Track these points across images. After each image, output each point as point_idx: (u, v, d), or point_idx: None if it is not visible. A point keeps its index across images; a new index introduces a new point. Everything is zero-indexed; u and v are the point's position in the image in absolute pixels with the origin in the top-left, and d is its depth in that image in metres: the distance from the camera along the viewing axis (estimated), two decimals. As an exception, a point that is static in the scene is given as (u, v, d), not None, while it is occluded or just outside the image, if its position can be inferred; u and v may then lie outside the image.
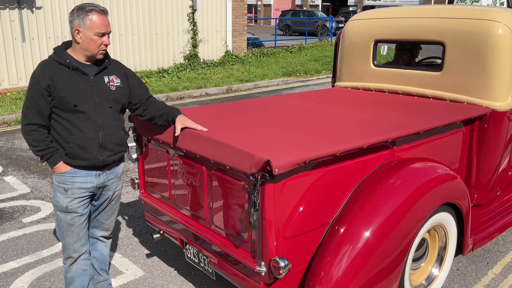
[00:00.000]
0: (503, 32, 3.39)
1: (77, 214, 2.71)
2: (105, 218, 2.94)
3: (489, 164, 3.60)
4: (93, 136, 2.61)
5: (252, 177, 2.23)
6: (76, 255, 2.78)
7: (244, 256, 2.50)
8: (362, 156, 2.70)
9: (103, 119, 2.64)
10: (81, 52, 2.58)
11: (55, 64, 2.56)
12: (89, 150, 2.62)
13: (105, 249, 3.06)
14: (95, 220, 2.94)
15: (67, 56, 2.58)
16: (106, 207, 2.89)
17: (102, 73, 2.66)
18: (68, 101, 2.54)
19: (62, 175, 2.65)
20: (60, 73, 2.54)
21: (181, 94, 10.22)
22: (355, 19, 4.41)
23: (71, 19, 2.53)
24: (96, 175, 2.72)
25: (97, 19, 2.52)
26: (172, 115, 2.85)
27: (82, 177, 2.68)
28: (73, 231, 2.73)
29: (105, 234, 3.01)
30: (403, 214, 2.62)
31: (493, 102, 3.47)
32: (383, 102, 3.77)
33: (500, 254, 3.73)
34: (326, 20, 27.14)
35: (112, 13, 11.09)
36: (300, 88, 11.65)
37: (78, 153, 2.61)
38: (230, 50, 13.98)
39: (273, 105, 3.68)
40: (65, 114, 2.57)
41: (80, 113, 2.57)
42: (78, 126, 2.58)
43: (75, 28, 2.52)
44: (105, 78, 2.67)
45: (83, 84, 2.59)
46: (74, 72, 2.57)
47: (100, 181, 2.75)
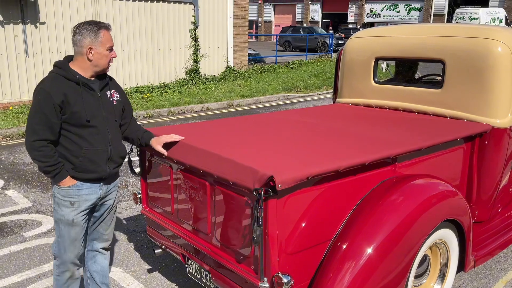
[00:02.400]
0: (502, 51, 3.45)
1: (81, 227, 2.74)
2: (104, 229, 2.97)
3: (490, 180, 3.62)
4: (103, 149, 2.68)
5: (256, 192, 2.25)
6: (74, 268, 2.83)
7: (247, 272, 2.50)
8: (364, 172, 2.72)
9: (112, 133, 2.72)
10: (91, 69, 2.63)
11: (64, 80, 2.59)
12: (98, 163, 2.68)
13: (105, 262, 3.07)
14: (95, 232, 2.96)
15: (74, 72, 2.62)
16: (106, 217, 2.94)
17: (105, 88, 2.74)
18: (80, 116, 2.58)
19: (68, 189, 2.67)
20: (70, 88, 2.58)
21: (182, 109, 10.27)
22: (356, 37, 4.48)
23: (80, 38, 2.56)
24: (100, 186, 2.77)
25: (107, 34, 2.61)
26: (145, 139, 2.97)
27: (87, 189, 2.72)
28: (75, 246, 2.76)
29: (105, 245, 3.03)
30: (405, 230, 2.63)
31: (493, 119, 3.50)
32: (384, 118, 3.80)
33: (502, 271, 3.73)
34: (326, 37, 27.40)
35: (115, 29, 11.20)
36: (301, 103, 11.72)
37: (88, 167, 2.66)
38: (231, 66, 14.09)
39: (276, 120, 3.72)
40: (76, 129, 2.61)
41: (92, 127, 2.63)
42: (89, 140, 2.63)
43: (88, 46, 2.56)
44: (108, 93, 2.75)
45: (92, 99, 2.64)
46: (83, 87, 2.61)
47: (103, 192, 2.81)
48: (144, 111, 9.73)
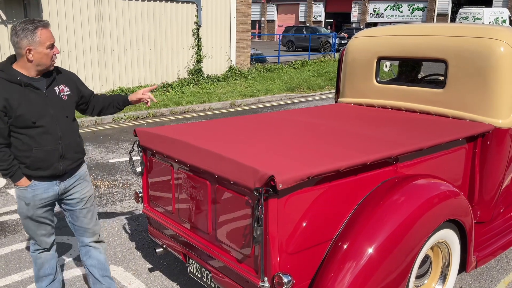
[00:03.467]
0: (505, 51, 3.43)
1: (42, 219, 2.81)
2: (86, 223, 2.98)
3: (492, 181, 3.60)
4: (53, 148, 2.68)
5: (256, 192, 2.25)
6: (47, 245, 2.91)
7: (247, 271, 2.50)
8: (365, 172, 2.72)
9: (62, 130, 2.71)
10: (34, 68, 2.60)
11: (6, 83, 2.55)
12: (50, 161, 2.69)
13: (100, 255, 3.08)
14: (79, 228, 2.99)
15: (17, 73, 2.58)
16: (83, 211, 2.94)
17: (52, 84, 2.71)
18: (25, 119, 2.57)
19: (23, 189, 2.72)
20: (13, 91, 2.55)
21: (184, 108, 10.28)
22: (358, 36, 4.47)
23: (17, 40, 2.51)
24: (57, 183, 2.79)
25: (45, 33, 2.56)
26: (121, 99, 3.07)
27: (43, 188, 2.75)
28: (43, 230, 2.85)
29: (94, 239, 3.05)
30: (406, 230, 2.63)
31: (496, 119, 3.49)
32: (386, 118, 3.79)
33: (503, 272, 3.71)
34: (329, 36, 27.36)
35: (118, 29, 11.23)
36: (303, 103, 11.71)
37: (39, 165, 2.68)
38: (233, 65, 14.09)
39: (277, 120, 3.71)
40: (24, 131, 2.61)
41: (39, 127, 2.62)
42: (38, 141, 2.63)
43: (26, 48, 2.52)
44: (56, 89, 2.72)
45: (37, 99, 2.62)
46: (27, 88, 2.58)
47: (62, 188, 2.82)
48: (147, 110, 9.75)
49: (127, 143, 7.49)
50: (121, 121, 9.26)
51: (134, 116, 9.50)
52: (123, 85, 11.44)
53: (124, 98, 3.10)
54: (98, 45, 10.96)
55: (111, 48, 11.19)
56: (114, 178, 5.88)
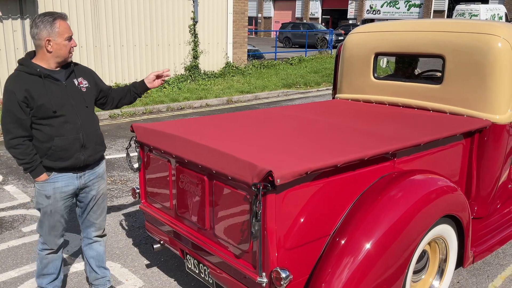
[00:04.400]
0: (503, 46, 3.43)
1: (59, 215, 2.83)
2: (95, 218, 3.04)
3: (489, 176, 3.61)
4: (74, 137, 2.72)
5: (254, 187, 2.24)
6: (55, 247, 2.93)
7: (245, 267, 2.49)
8: (363, 167, 2.72)
9: (82, 120, 2.76)
10: (53, 60, 2.66)
11: (26, 75, 2.63)
12: (71, 151, 2.72)
13: (100, 248, 3.16)
14: (86, 220, 3.05)
15: (36, 65, 2.65)
16: (93, 207, 3.00)
17: (71, 76, 2.77)
18: (46, 108, 2.63)
19: (43, 183, 2.75)
20: (33, 83, 2.62)
21: (181, 104, 10.26)
22: (355, 32, 4.46)
23: (37, 31, 2.59)
24: (77, 177, 2.82)
25: (63, 24, 2.64)
26: (139, 86, 3.09)
27: (63, 181, 2.78)
28: (55, 230, 2.87)
29: (99, 233, 3.11)
30: (404, 226, 2.63)
31: (493, 115, 3.49)
32: (384, 114, 3.79)
33: (500, 267, 3.73)
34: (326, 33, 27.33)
35: (114, 24, 11.18)
36: (300, 100, 11.70)
37: (60, 155, 2.71)
38: (230, 62, 14.06)
39: (275, 116, 3.71)
40: (45, 121, 2.66)
41: (60, 117, 2.67)
42: (59, 130, 2.68)
43: (46, 38, 2.59)
44: (75, 81, 2.79)
45: (57, 90, 2.68)
46: (46, 79, 2.65)
47: (82, 183, 2.85)
48: (143, 107, 9.72)
49: (123, 140, 7.46)
50: (117, 117, 9.23)
51: (131, 112, 9.47)
52: (119, 81, 11.40)
53: (142, 85, 3.12)
54: (94, 41, 10.92)
55: (107, 44, 11.15)
56: (111, 174, 5.86)
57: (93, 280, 3.20)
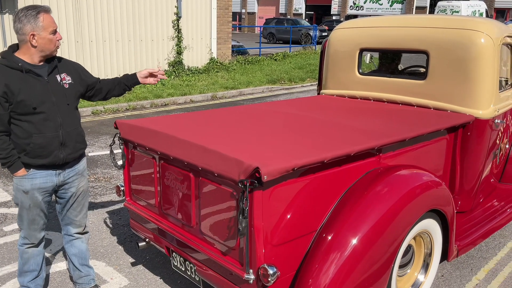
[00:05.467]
0: (485, 42, 3.47)
1: (38, 210, 2.79)
2: (75, 215, 3.00)
3: (472, 171, 3.66)
4: (53, 135, 2.67)
5: (241, 184, 2.22)
6: (36, 240, 2.89)
7: (232, 264, 2.48)
8: (349, 163, 2.72)
9: (62, 117, 2.70)
10: (37, 54, 2.61)
11: (6, 69, 2.57)
12: (50, 149, 2.67)
13: (82, 245, 3.11)
14: (66, 217, 3.01)
15: (18, 59, 2.59)
16: (73, 204, 2.96)
17: (53, 72, 2.72)
18: (26, 104, 2.57)
19: (21, 178, 2.71)
20: (13, 77, 2.56)
21: (165, 101, 10.16)
22: (340, 28, 4.46)
23: (20, 26, 2.53)
24: (56, 174, 2.78)
25: (47, 18, 2.58)
26: (130, 79, 3.06)
27: (41, 178, 2.73)
28: (36, 224, 2.83)
29: (79, 230, 3.07)
30: (389, 221, 2.64)
31: (476, 110, 3.53)
32: (369, 110, 3.81)
33: (483, 260, 3.78)
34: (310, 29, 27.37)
35: (96, 19, 11.01)
36: (285, 95, 11.70)
37: (39, 152, 2.66)
38: (214, 57, 13.98)
39: (260, 112, 3.69)
40: (24, 117, 2.60)
41: (40, 114, 2.61)
42: (38, 127, 2.63)
43: (30, 33, 2.53)
44: (57, 77, 2.73)
45: (39, 86, 2.62)
46: (27, 75, 2.59)
47: (61, 180, 2.81)
48: (127, 103, 9.60)
49: (106, 136, 7.36)
50: (100, 113, 9.11)
51: (114, 109, 9.35)
52: (102, 77, 11.19)
53: (134, 78, 3.08)
54: (76, 36, 10.74)
55: (89, 40, 10.98)
56: (94, 172, 5.78)
57: (77, 279, 3.16)
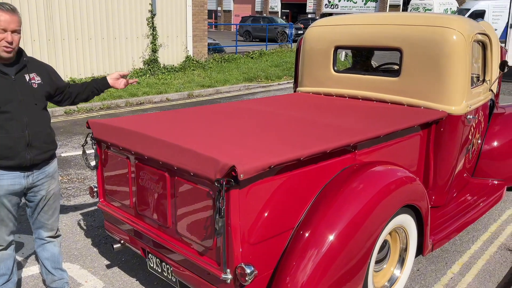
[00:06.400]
0: (457, 39, 3.53)
1: (6, 211, 2.70)
2: (46, 219, 2.92)
3: (445, 166, 3.72)
4: (19, 135, 2.59)
5: (217, 183, 2.20)
6: (4, 243, 2.79)
7: (209, 264, 2.45)
8: (325, 160, 2.73)
9: (29, 117, 2.62)
10: None
11: None
12: (16, 150, 2.59)
13: (55, 249, 3.03)
14: (37, 221, 2.92)
15: None
16: (44, 207, 2.87)
17: (22, 71, 2.65)
18: None
19: None
20: None
21: (140, 99, 10.02)
22: (315, 25, 4.47)
23: None
24: (24, 177, 2.69)
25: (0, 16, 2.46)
26: (100, 82, 3.02)
27: (9, 180, 2.64)
28: (5, 226, 2.74)
29: (51, 234, 2.99)
30: (365, 216, 2.66)
31: (449, 106, 3.59)
32: (344, 107, 3.83)
33: (458, 254, 3.86)
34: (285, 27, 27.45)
35: (68, 17, 10.77)
36: (262, 93, 11.70)
37: (5, 153, 2.58)
38: (190, 55, 13.87)
39: (237, 110, 3.67)
40: None
41: (5, 113, 2.54)
42: (3, 127, 2.55)
43: None
44: (26, 76, 2.66)
45: (5, 84, 2.55)
46: None
47: (29, 182, 2.72)
48: (101, 102, 9.43)
49: (80, 136, 7.21)
50: (73, 113, 8.92)
51: (87, 108, 9.17)
52: (75, 76, 11.02)
53: (103, 81, 3.02)
54: (47, 34, 10.48)
55: (61, 37, 10.73)
56: (68, 172, 5.65)
57: (50, 283, 3.08)
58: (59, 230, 3.05)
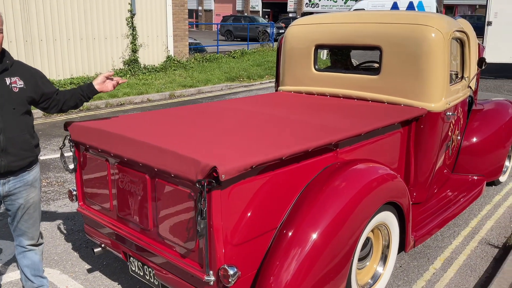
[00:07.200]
0: (436, 37, 3.56)
1: None
2: (26, 227, 2.82)
3: (426, 163, 3.75)
4: None
5: (198, 184, 2.17)
6: None
7: (192, 266, 2.42)
8: (307, 159, 2.72)
9: (4, 122, 2.53)
10: None
11: None
12: None
13: (36, 257, 2.94)
14: (17, 229, 2.83)
15: None
16: (23, 216, 2.77)
17: (3, 74, 2.57)
18: None
19: None
20: None
21: (121, 100, 9.90)
22: (296, 24, 4.47)
23: None
24: (0, 184, 2.59)
25: None
26: (86, 88, 2.91)
27: None
28: None
29: (32, 242, 2.89)
30: (348, 214, 2.66)
31: (428, 103, 3.63)
32: (325, 105, 3.83)
33: (439, 249, 3.90)
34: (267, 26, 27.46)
35: (46, 17, 10.57)
36: (244, 93, 11.67)
37: None
38: (171, 55, 13.76)
39: (218, 110, 3.64)
40: None
41: None
42: None
43: None
44: (7, 79, 2.57)
45: None
46: None
47: (5, 190, 2.63)
48: (80, 103, 9.27)
49: (59, 139, 7.08)
50: (52, 115, 8.76)
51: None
52: (53, 77, 10.82)
53: (90, 87, 2.90)
54: (25, 35, 10.27)
55: (38, 38, 10.53)
56: (47, 176, 5.54)
57: None
58: (41, 238, 2.95)
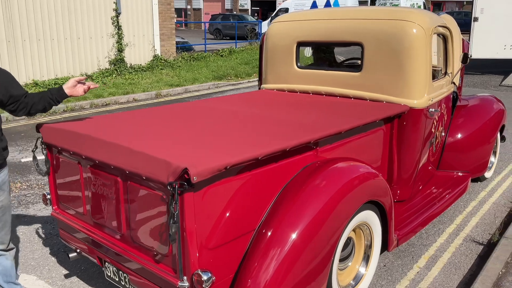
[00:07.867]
0: (417, 32, 3.51)
1: None
2: None
3: (409, 160, 3.70)
4: None
5: (170, 186, 2.09)
6: None
7: (165, 272, 2.35)
8: (286, 158, 2.65)
9: None
10: None
11: None
12: None
13: (6, 262, 2.85)
14: None
15: None
16: None
17: None
18: None
19: None
20: None
21: (106, 100, 9.77)
22: (277, 21, 4.40)
23: None
24: None
25: None
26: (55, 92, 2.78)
27: None
28: None
29: (3, 247, 2.81)
30: (328, 214, 2.61)
31: (411, 100, 3.58)
32: (307, 103, 3.77)
33: (424, 248, 3.85)
34: (255, 24, 27.36)
35: (29, 17, 10.40)
36: (232, 91, 11.58)
37: None
38: (158, 54, 13.62)
39: (195, 109, 3.56)
40: None
41: None
42: None
43: None
44: None
45: None
46: None
47: None
48: (64, 104, 9.13)
49: (28, 141, 6.94)
50: (35, 116, 8.60)
51: (51, 111, 8.85)
52: (37, 78, 10.66)
53: (59, 91, 2.78)
54: (7, 35, 10.08)
55: (21, 38, 10.35)
56: (27, 178, 5.42)
57: None
58: (11, 243, 2.87)
